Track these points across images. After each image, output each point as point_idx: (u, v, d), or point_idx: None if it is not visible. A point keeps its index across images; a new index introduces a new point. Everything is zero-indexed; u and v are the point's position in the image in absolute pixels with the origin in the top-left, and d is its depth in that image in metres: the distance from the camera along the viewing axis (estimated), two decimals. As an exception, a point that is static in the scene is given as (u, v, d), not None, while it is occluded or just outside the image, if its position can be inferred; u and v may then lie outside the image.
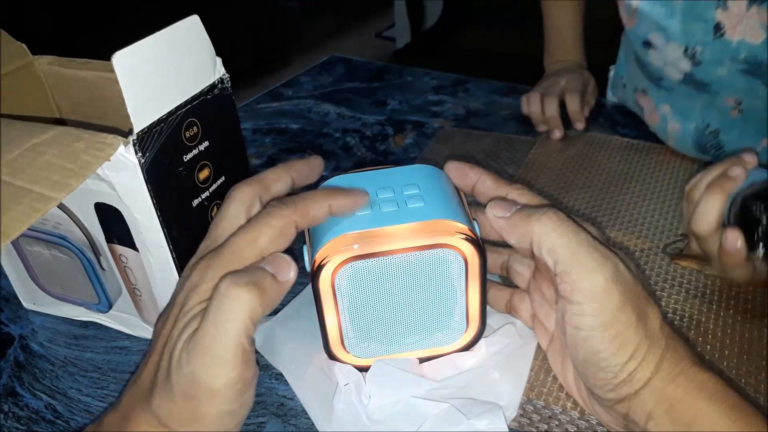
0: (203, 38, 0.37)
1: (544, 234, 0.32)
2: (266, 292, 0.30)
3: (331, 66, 0.91)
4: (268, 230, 0.32)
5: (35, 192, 0.30)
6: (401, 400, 0.36)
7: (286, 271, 0.31)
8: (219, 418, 0.30)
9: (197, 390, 0.29)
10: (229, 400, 0.30)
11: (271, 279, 0.31)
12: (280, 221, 0.32)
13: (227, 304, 0.29)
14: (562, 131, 0.67)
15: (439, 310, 0.36)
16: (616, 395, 0.32)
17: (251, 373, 0.31)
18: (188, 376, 0.29)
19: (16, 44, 0.44)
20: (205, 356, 0.29)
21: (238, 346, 0.29)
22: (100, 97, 0.43)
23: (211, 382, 0.29)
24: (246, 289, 0.29)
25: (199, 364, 0.29)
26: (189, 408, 0.30)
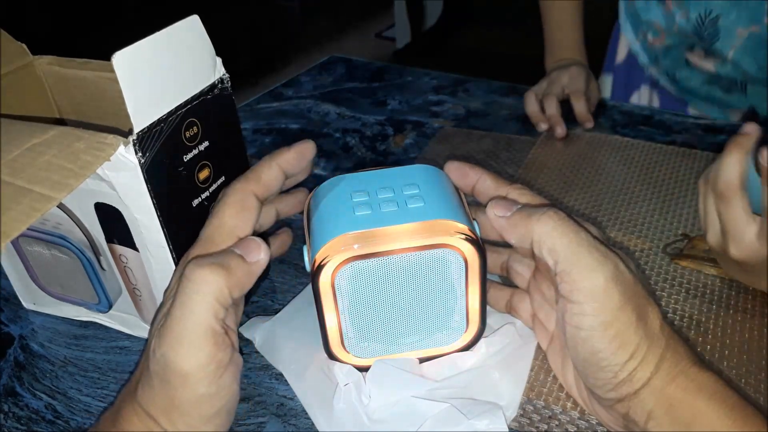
0: (203, 38, 0.37)
1: (544, 233, 0.32)
2: (233, 273, 0.31)
3: (331, 66, 0.91)
4: (228, 208, 0.33)
5: (35, 192, 0.30)
6: (401, 400, 0.36)
7: (255, 252, 0.32)
8: (196, 402, 0.30)
9: (170, 374, 0.30)
10: (203, 382, 0.30)
11: (239, 260, 0.31)
12: (236, 195, 0.34)
13: (191, 286, 0.30)
14: (564, 129, 0.67)
15: (439, 310, 0.36)
16: (615, 395, 0.32)
17: (225, 356, 0.31)
18: (160, 360, 0.30)
19: (16, 44, 0.44)
20: (173, 338, 0.29)
21: (207, 327, 0.30)
22: (100, 97, 0.43)
23: (181, 364, 0.29)
24: (209, 269, 0.30)
25: (168, 347, 0.29)
26: (166, 394, 0.30)
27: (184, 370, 0.29)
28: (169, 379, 0.30)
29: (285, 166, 0.36)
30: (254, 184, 0.35)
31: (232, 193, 0.34)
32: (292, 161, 0.36)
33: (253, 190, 0.34)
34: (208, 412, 0.31)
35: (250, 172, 0.35)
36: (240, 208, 0.34)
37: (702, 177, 0.45)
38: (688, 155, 0.62)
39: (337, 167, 0.65)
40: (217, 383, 0.30)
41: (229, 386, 0.32)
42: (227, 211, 0.34)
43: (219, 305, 0.30)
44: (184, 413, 0.30)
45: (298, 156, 0.37)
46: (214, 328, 0.30)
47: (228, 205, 0.34)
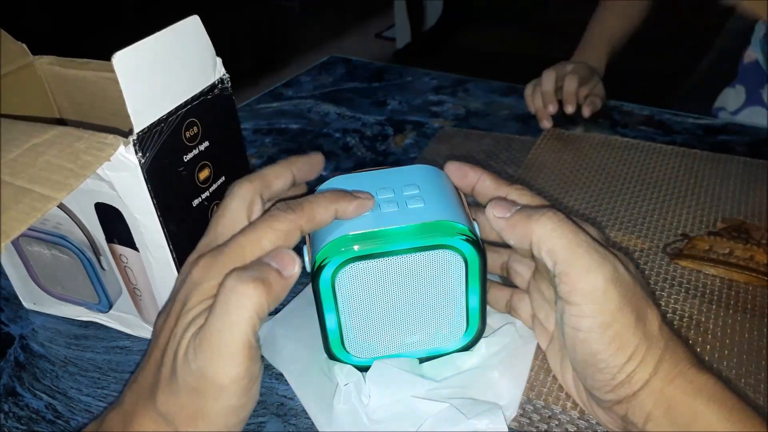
0: (203, 38, 0.37)
1: (543, 234, 0.32)
2: (272, 288, 0.30)
3: (331, 66, 0.91)
4: (272, 234, 0.32)
5: (35, 192, 0.30)
6: (401, 400, 0.36)
7: (290, 266, 0.31)
8: (225, 414, 0.30)
9: (205, 385, 0.29)
10: (237, 395, 0.30)
11: (276, 274, 0.31)
12: (285, 225, 0.32)
13: (234, 299, 0.29)
14: (552, 111, 0.68)
15: (439, 311, 0.36)
16: (614, 396, 0.32)
17: (257, 369, 0.31)
18: (196, 372, 0.29)
19: (16, 44, 0.44)
20: (213, 351, 0.29)
21: (246, 342, 0.29)
22: (100, 97, 0.43)
23: (219, 377, 0.29)
24: (252, 285, 0.29)
25: (206, 360, 0.29)
26: (195, 404, 0.30)
27: (221, 384, 0.29)
28: (203, 391, 0.29)
29: (341, 214, 0.34)
30: (306, 222, 0.33)
31: (283, 222, 0.33)
32: (349, 212, 0.35)
33: (302, 226, 0.33)
34: (233, 422, 0.31)
35: (308, 207, 0.33)
36: (284, 238, 0.32)
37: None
38: (688, 155, 0.62)
39: (337, 167, 0.65)
40: (247, 395, 0.31)
41: (255, 397, 0.32)
42: (270, 236, 0.32)
43: (258, 320, 0.30)
44: (211, 423, 0.30)
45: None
46: (252, 342, 0.30)
47: (274, 230, 0.32)
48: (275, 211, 0.33)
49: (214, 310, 0.29)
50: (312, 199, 0.34)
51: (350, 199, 0.34)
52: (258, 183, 0.35)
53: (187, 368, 0.29)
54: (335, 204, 0.33)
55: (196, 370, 0.29)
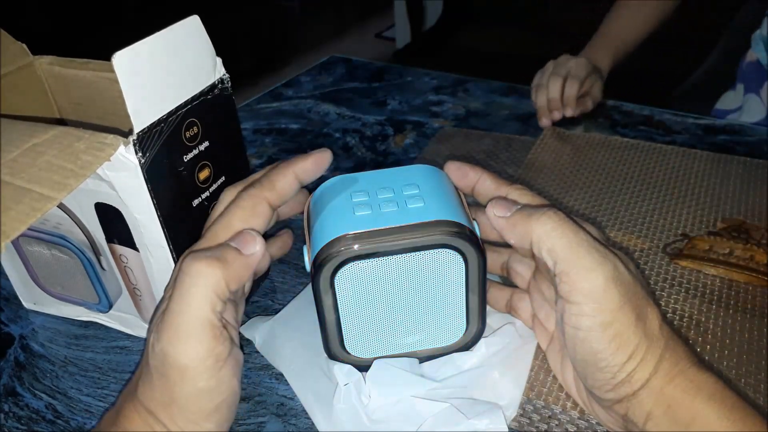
0: (203, 38, 0.37)
1: (544, 234, 0.32)
2: (229, 265, 0.31)
3: (331, 66, 0.91)
4: (239, 211, 0.33)
5: (35, 192, 0.30)
6: (401, 400, 0.36)
7: (251, 244, 0.32)
8: (195, 397, 0.30)
9: (168, 368, 0.30)
10: (203, 376, 0.30)
11: (235, 252, 0.31)
12: (249, 201, 0.33)
13: (187, 279, 0.30)
14: (557, 117, 0.69)
15: (439, 310, 0.36)
16: (614, 395, 0.32)
17: (225, 349, 0.31)
18: (159, 354, 0.30)
19: (16, 44, 0.44)
20: (171, 332, 0.30)
21: (204, 320, 0.30)
22: (100, 97, 0.43)
23: (179, 358, 0.29)
24: (205, 262, 0.30)
25: (166, 341, 0.30)
26: (165, 389, 0.30)
27: (182, 364, 0.29)
28: (167, 374, 0.30)
29: (302, 175, 0.35)
30: (268, 192, 0.34)
31: (246, 198, 0.34)
32: (309, 170, 0.35)
33: (266, 197, 0.34)
34: (207, 407, 0.31)
35: (266, 179, 0.34)
36: (251, 213, 0.33)
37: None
38: (688, 155, 0.62)
39: (337, 167, 0.65)
40: (216, 377, 0.31)
41: (229, 381, 0.32)
42: (237, 214, 0.33)
43: (216, 298, 0.30)
44: (183, 408, 0.30)
45: (315, 166, 0.36)
46: (212, 321, 0.30)
47: (240, 207, 0.33)
48: (240, 193, 0.34)
49: (172, 294, 0.30)
50: (270, 169, 0.35)
51: (305, 158, 0.35)
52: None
53: (153, 353, 0.30)
54: (292, 167, 0.34)
55: (159, 353, 0.30)
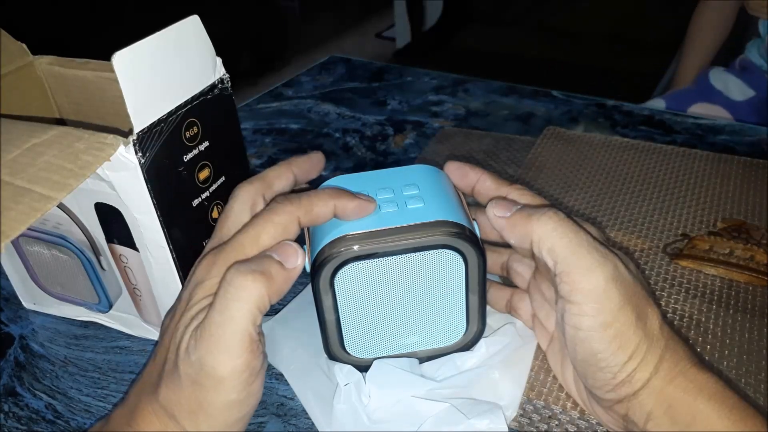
0: (203, 38, 0.37)
1: (544, 234, 0.32)
2: (273, 280, 0.30)
3: (331, 66, 0.91)
4: (271, 227, 0.32)
5: (35, 192, 0.30)
6: (401, 400, 0.36)
7: (293, 258, 0.32)
8: (226, 407, 0.30)
9: (204, 377, 0.30)
10: (236, 388, 0.30)
11: (278, 267, 0.31)
12: (283, 217, 0.32)
13: (232, 292, 0.29)
14: None
15: (439, 310, 0.36)
16: (615, 395, 0.32)
17: (258, 363, 0.31)
18: (195, 363, 0.30)
19: (16, 44, 0.44)
20: (212, 343, 0.29)
21: (245, 333, 0.29)
22: (100, 97, 0.43)
23: (218, 369, 0.29)
24: (251, 276, 0.30)
25: (205, 351, 0.29)
26: (196, 396, 0.30)
27: (219, 375, 0.29)
28: (202, 383, 0.30)
29: (341, 213, 0.34)
30: (304, 215, 0.33)
31: (282, 213, 0.33)
32: (349, 210, 0.34)
33: (300, 219, 0.33)
34: (234, 418, 0.31)
35: (306, 200, 0.33)
36: (283, 232, 0.33)
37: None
38: (688, 155, 0.62)
39: (337, 167, 0.65)
40: (248, 390, 0.31)
41: (257, 393, 0.32)
42: (269, 230, 0.32)
43: (258, 312, 0.30)
44: (211, 417, 0.30)
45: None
46: (251, 335, 0.30)
47: (273, 224, 0.32)
48: (274, 204, 0.33)
49: (215, 304, 0.30)
50: (312, 193, 0.34)
51: (351, 198, 0.33)
52: (259, 184, 0.35)
53: (187, 360, 0.30)
54: (335, 200, 0.33)
55: (195, 362, 0.29)
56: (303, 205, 0.33)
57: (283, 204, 0.33)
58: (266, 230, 0.32)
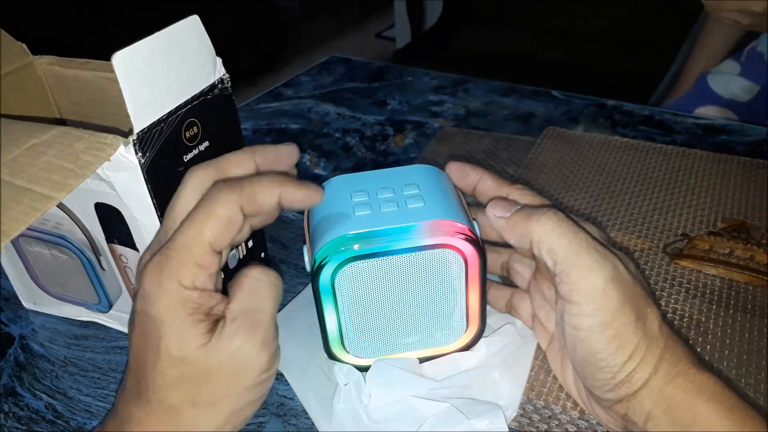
0: (203, 38, 0.37)
1: (543, 234, 0.32)
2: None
3: (331, 66, 0.91)
4: (213, 221, 0.30)
5: (35, 192, 0.30)
6: (401, 400, 0.36)
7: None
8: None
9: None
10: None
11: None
12: (224, 209, 0.30)
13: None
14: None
15: (439, 310, 0.36)
16: (614, 395, 0.32)
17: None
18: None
19: (16, 44, 0.44)
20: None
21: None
22: (100, 97, 0.43)
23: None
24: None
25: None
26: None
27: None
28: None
29: (287, 203, 0.32)
30: (247, 204, 0.31)
31: (222, 203, 0.30)
32: (296, 201, 0.32)
33: (244, 208, 0.31)
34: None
35: (248, 187, 0.31)
36: (226, 224, 0.30)
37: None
38: (688, 155, 0.61)
39: (337, 167, 0.65)
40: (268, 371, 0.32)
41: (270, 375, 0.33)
42: (212, 225, 0.30)
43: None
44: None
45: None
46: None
47: (214, 217, 0.30)
48: (213, 191, 0.30)
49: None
50: (255, 179, 0.31)
51: (297, 187, 0.32)
52: (212, 170, 0.32)
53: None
54: (280, 188, 0.31)
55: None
56: (245, 193, 0.30)
57: (222, 192, 0.30)
58: (208, 226, 0.30)
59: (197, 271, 0.30)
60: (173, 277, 0.29)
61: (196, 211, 0.30)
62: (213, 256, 0.30)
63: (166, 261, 0.30)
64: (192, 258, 0.30)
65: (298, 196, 0.32)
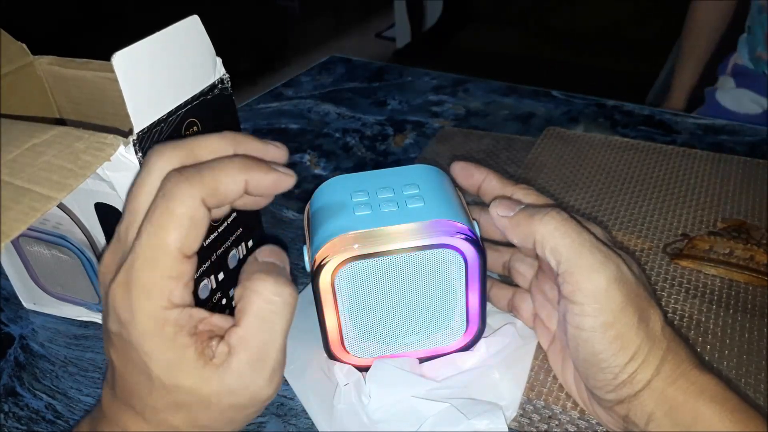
0: (203, 38, 0.37)
1: (547, 234, 0.32)
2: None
3: (331, 66, 0.91)
4: (175, 225, 0.25)
5: (35, 192, 0.30)
6: (401, 400, 0.36)
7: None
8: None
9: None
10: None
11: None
12: (184, 207, 0.25)
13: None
14: None
15: (439, 310, 0.36)
16: (616, 396, 0.32)
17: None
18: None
19: (16, 44, 0.44)
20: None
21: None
22: (100, 97, 0.43)
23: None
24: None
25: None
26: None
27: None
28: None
29: (254, 189, 0.28)
30: (209, 195, 0.26)
31: (179, 200, 0.26)
32: (263, 187, 0.28)
33: (205, 201, 0.26)
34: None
35: (208, 174, 0.26)
36: (189, 224, 0.26)
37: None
38: (688, 155, 0.61)
39: (337, 167, 0.65)
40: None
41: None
42: (175, 231, 0.25)
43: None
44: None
45: (274, 186, 0.29)
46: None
47: (175, 219, 0.26)
48: (168, 187, 0.26)
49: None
50: (216, 164, 0.27)
51: (266, 171, 0.28)
52: (182, 153, 0.28)
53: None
54: (246, 174, 0.27)
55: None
56: (206, 184, 0.26)
57: (179, 186, 0.26)
58: (170, 231, 0.25)
59: (170, 284, 0.26)
60: (143, 298, 0.26)
61: (154, 212, 0.26)
62: (184, 263, 0.26)
63: (134, 281, 0.26)
64: (160, 272, 0.26)
65: (266, 181, 0.28)
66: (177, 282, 0.26)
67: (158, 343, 0.26)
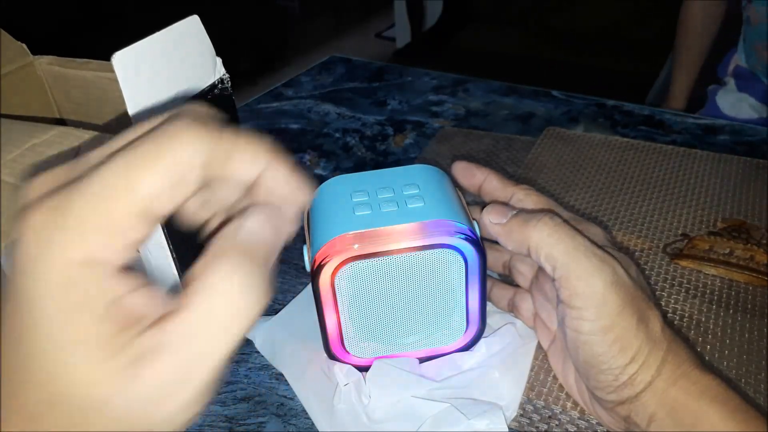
0: (203, 38, 0.37)
1: (540, 240, 0.32)
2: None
3: (331, 66, 0.91)
4: (161, 168, 0.19)
5: (35, 192, 0.30)
6: (401, 400, 0.36)
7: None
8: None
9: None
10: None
11: None
12: (184, 153, 0.19)
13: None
14: None
15: (439, 310, 0.36)
16: (617, 397, 0.32)
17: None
18: None
19: (16, 44, 0.44)
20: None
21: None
22: (100, 97, 0.43)
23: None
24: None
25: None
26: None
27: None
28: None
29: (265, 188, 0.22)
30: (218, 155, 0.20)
31: (186, 146, 0.19)
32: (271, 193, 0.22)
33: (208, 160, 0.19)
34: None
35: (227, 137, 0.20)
36: (179, 179, 0.19)
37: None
38: (688, 155, 0.61)
39: (337, 167, 0.65)
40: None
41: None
42: (155, 172, 0.19)
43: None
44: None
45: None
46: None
47: (166, 163, 0.19)
48: (177, 124, 0.19)
49: None
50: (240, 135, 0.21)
51: (290, 171, 0.22)
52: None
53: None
54: (266, 162, 0.21)
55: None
56: (222, 144, 0.20)
57: (189, 128, 0.19)
58: (151, 174, 0.18)
59: (115, 234, 0.18)
60: (71, 235, 0.18)
61: (143, 143, 0.19)
62: (144, 221, 0.19)
63: (70, 210, 0.18)
64: (110, 212, 0.18)
65: (285, 187, 0.22)
66: (124, 236, 0.18)
67: (57, 307, 0.18)
